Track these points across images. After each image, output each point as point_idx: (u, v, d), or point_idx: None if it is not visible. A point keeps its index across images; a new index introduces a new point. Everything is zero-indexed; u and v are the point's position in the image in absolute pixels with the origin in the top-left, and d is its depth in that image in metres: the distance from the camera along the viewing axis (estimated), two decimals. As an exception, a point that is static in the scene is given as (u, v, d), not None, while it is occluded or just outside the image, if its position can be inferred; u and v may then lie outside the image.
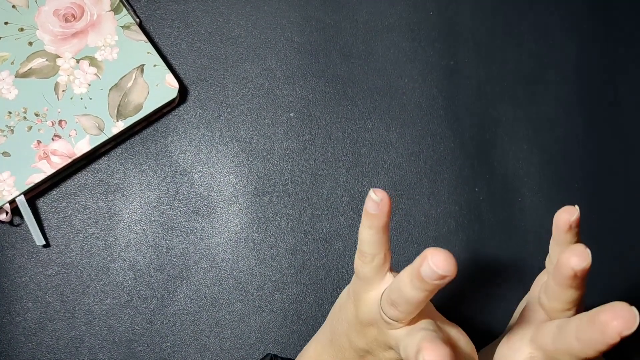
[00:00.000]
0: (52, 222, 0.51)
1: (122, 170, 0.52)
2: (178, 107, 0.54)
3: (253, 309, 0.51)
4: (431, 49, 0.56)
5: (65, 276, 0.50)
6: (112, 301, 0.50)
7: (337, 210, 0.53)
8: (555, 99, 0.55)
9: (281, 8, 0.56)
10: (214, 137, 0.53)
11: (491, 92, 0.55)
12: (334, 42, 0.55)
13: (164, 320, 0.50)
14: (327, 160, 0.53)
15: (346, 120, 0.54)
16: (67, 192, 0.52)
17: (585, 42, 0.57)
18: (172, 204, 0.52)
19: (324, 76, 0.55)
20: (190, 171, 0.53)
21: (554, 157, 0.54)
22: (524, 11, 0.57)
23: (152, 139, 0.53)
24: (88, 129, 0.50)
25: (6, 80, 0.51)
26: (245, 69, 0.54)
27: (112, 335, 0.50)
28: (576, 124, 0.55)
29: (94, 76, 0.51)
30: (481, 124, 0.55)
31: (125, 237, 0.51)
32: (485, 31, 0.56)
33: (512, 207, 0.54)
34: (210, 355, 0.50)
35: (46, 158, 0.50)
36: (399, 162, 0.54)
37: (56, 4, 0.52)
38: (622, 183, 0.54)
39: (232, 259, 0.51)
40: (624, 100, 0.56)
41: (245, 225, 0.52)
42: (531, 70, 0.56)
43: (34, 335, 0.49)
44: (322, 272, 0.51)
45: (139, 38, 0.53)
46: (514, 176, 0.54)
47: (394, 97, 0.55)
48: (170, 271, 0.51)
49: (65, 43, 0.52)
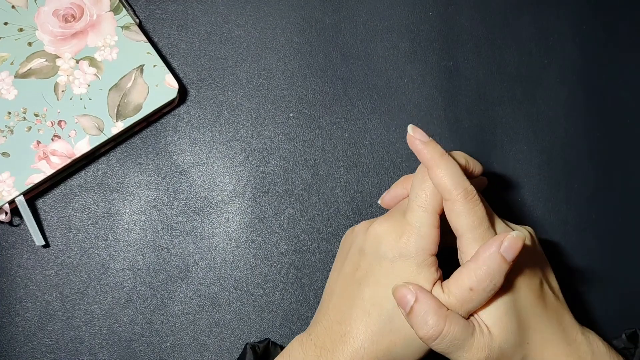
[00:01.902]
0: (51, 222, 0.51)
1: (122, 171, 0.52)
2: (178, 108, 0.54)
3: (253, 309, 0.51)
4: (431, 49, 0.56)
5: (65, 276, 0.50)
6: (111, 301, 0.50)
7: (337, 211, 0.53)
8: (555, 100, 0.55)
9: (281, 8, 0.56)
10: (214, 137, 0.53)
11: (491, 93, 0.55)
12: (334, 42, 0.55)
13: (164, 321, 0.50)
14: (327, 160, 0.53)
15: (346, 121, 0.54)
16: (66, 192, 0.52)
17: (585, 42, 0.57)
18: (172, 204, 0.52)
19: (323, 76, 0.55)
20: (190, 171, 0.53)
21: (554, 158, 0.54)
22: (524, 11, 0.57)
23: (152, 139, 0.53)
24: (88, 129, 0.50)
25: (6, 80, 0.51)
26: (244, 69, 0.54)
27: (111, 336, 0.50)
28: (576, 124, 0.55)
29: (93, 76, 0.51)
30: (481, 124, 0.55)
31: (125, 237, 0.51)
32: (485, 32, 0.56)
33: (511, 207, 0.54)
34: (209, 355, 0.50)
35: (46, 158, 0.50)
36: (398, 162, 0.54)
37: (56, 5, 0.52)
38: (622, 184, 0.54)
39: (232, 259, 0.51)
40: (624, 101, 0.56)
41: (244, 225, 0.52)
42: (531, 71, 0.56)
43: (33, 335, 0.49)
44: (321, 272, 0.51)
45: (139, 38, 0.53)
46: (513, 176, 0.54)
47: (393, 97, 0.55)
48: (170, 271, 0.51)
49: (64, 43, 0.52)
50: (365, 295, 0.40)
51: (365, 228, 0.43)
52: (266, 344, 0.48)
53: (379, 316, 0.40)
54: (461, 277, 0.38)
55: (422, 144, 0.41)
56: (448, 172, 0.40)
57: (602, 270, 0.53)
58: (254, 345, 0.47)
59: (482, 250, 0.38)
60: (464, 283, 0.38)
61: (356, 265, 0.42)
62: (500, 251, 0.37)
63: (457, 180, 0.39)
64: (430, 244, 0.40)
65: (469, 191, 0.39)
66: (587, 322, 0.51)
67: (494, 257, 0.37)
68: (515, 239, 0.37)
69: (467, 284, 0.38)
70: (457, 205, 0.39)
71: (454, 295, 0.38)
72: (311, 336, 0.42)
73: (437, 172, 0.40)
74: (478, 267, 0.38)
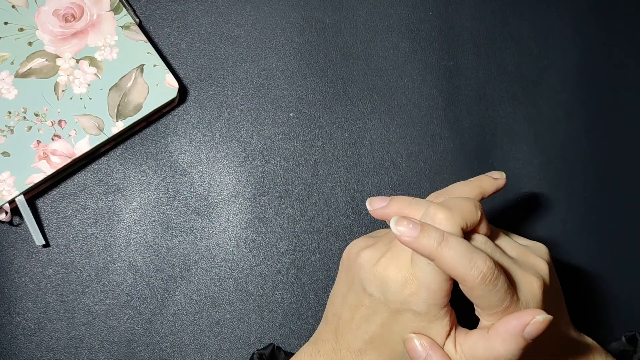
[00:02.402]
0: (51, 222, 0.51)
1: (122, 170, 0.52)
2: (178, 107, 0.54)
3: (253, 309, 0.51)
4: (431, 49, 0.56)
5: (65, 276, 0.50)
6: (111, 301, 0.50)
7: (337, 210, 0.53)
8: (555, 100, 0.55)
9: (281, 8, 0.56)
10: (214, 137, 0.53)
11: (491, 93, 0.55)
12: (334, 42, 0.55)
13: (164, 320, 0.50)
14: (327, 160, 0.53)
15: (346, 120, 0.54)
16: (66, 192, 0.52)
17: (585, 42, 0.57)
18: (172, 204, 0.52)
19: (323, 76, 0.55)
20: (190, 171, 0.53)
21: (554, 158, 0.54)
22: (524, 11, 0.57)
23: (152, 138, 0.53)
24: (88, 129, 0.50)
25: (6, 80, 0.51)
26: (244, 69, 0.54)
27: (111, 335, 0.50)
28: (576, 124, 0.55)
29: (93, 76, 0.51)
30: (481, 124, 0.55)
31: (125, 237, 0.51)
32: (485, 31, 0.56)
33: (511, 207, 0.54)
34: (209, 355, 0.50)
35: (46, 158, 0.50)
36: (398, 162, 0.54)
37: (56, 4, 0.52)
38: (622, 184, 0.54)
39: (232, 259, 0.51)
40: (624, 101, 0.56)
41: (244, 225, 0.52)
42: (531, 71, 0.56)
43: (33, 335, 0.49)
44: (321, 272, 0.51)
45: (139, 38, 0.53)
46: (513, 176, 0.54)
47: (393, 97, 0.55)
48: (170, 271, 0.51)
49: (65, 43, 0.52)
50: (373, 333, 0.39)
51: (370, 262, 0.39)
52: (271, 349, 0.47)
53: (390, 356, 0.39)
54: (477, 349, 0.36)
55: (411, 238, 0.36)
56: (455, 258, 0.35)
57: (602, 270, 0.53)
58: (261, 354, 0.46)
59: (504, 330, 0.35)
60: (479, 355, 0.36)
61: (361, 301, 0.39)
62: (523, 334, 0.35)
63: (470, 263, 0.35)
64: (442, 299, 0.37)
65: (486, 274, 0.35)
66: (586, 322, 0.51)
67: (516, 340, 0.35)
68: (540, 323, 0.34)
69: (483, 358, 0.36)
70: (476, 290, 0.35)
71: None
72: (320, 354, 0.41)
73: (442, 263, 0.35)
74: (497, 345, 0.35)
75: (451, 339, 0.37)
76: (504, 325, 0.35)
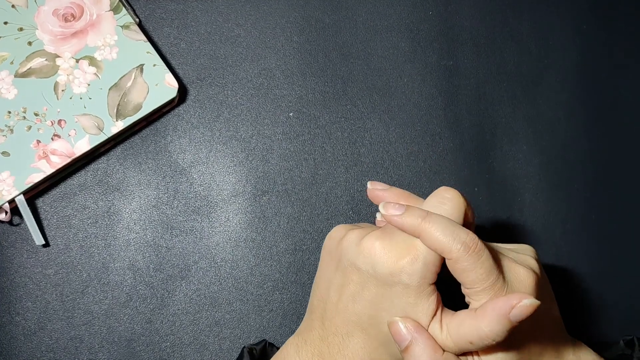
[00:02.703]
0: (51, 221, 0.51)
1: (122, 170, 0.52)
2: (177, 107, 0.54)
3: (252, 309, 0.51)
4: (430, 49, 0.56)
5: (65, 276, 0.50)
6: (111, 301, 0.50)
7: (337, 210, 0.53)
8: (554, 100, 0.55)
9: (280, 8, 0.56)
10: (214, 136, 0.53)
11: (490, 93, 0.55)
12: (334, 42, 0.55)
13: (164, 320, 0.50)
14: (327, 159, 0.53)
15: (345, 120, 0.54)
16: (66, 191, 0.52)
17: (585, 42, 0.57)
18: (172, 204, 0.52)
19: (323, 76, 0.55)
20: (190, 171, 0.53)
21: (554, 158, 0.54)
22: (524, 11, 0.57)
23: (152, 138, 0.53)
24: (87, 128, 0.50)
25: (5, 80, 0.51)
26: (244, 69, 0.54)
27: (111, 335, 0.50)
28: (576, 124, 0.55)
29: (93, 76, 0.51)
30: (480, 124, 0.55)
31: (125, 236, 0.51)
32: (485, 31, 0.56)
33: (511, 207, 0.54)
34: (209, 355, 0.50)
35: (45, 158, 0.50)
36: (398, 161, 0.54)
37: (56, 4, 0.52)
38: (622, 184, 0.54)
39: (232, 259, 0.51)
40: (624, 101, 0.56)
41: (244, 224, 0.52)
42: (531, 71, 0.56)
43: (33, 334, 0.49)
44: (321, 272, 0.52)
45: (139, 38, 0.53)
46: (513, 176, 0.54)
47: (393, 96, 0.55)
48: (170, 271, 0.51)
49: (64, 43, 0.52)
50: (361, 312, 0.39)
51: (356, 239, 0.40)
52: (263, 345, 0.48)
53: (377, 337, 0.39)
54: (463, 328, 0.37)
55: (397, 217, 0.38)
56: (439, 231, 0.37)
57: (602, 270, 0.53)
58: (252, 348, 0.47)
59: (490, 309, 0.36)
60: (465, 335, 0.37)
61: (349, 278, 0.40)
62: (509, 315, 0.35)
63: (452, 235, 0.37)
64: (432, 274, 0.38)
65: (469, 244, 0.36)
66: (586, 323, 0.51)
67: (501, 321, 0.36)
68: (527, 307, 0.35)
69: (468, 337, 0.37)
70: (460, 262, 0.37)
71: (452, 340, 0.37)
72: (307, 343, 0.41)
73: (426, 237, 0.37)
74: (483, 325, 0.36)
75: (437, 319, 0.38)
76: (492, 305, 0.36)
